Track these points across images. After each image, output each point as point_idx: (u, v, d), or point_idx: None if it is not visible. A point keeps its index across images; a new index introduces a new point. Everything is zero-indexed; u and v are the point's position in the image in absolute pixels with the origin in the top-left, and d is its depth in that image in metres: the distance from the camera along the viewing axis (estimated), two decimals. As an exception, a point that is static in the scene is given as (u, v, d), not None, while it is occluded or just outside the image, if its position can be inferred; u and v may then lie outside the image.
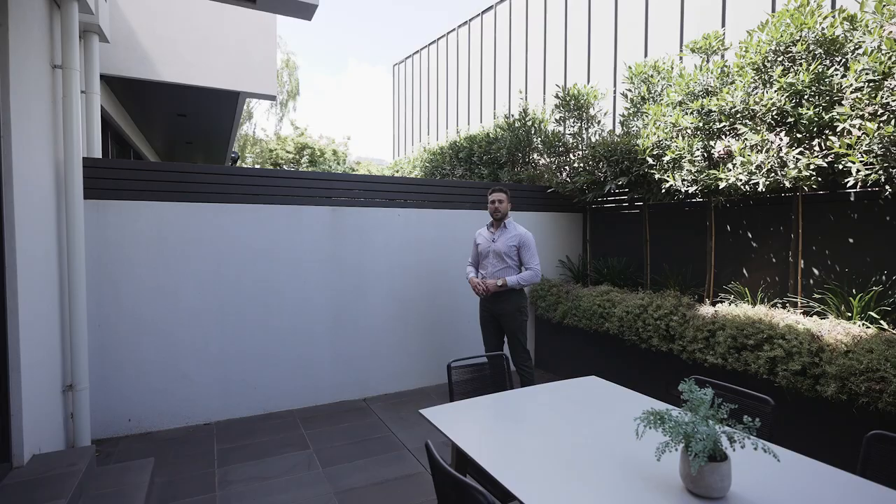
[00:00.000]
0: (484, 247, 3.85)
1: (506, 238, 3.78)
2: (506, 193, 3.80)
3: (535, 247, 3.79)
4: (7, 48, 2.53)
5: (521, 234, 3.78)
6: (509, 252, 3.74)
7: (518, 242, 3.77)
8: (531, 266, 3.76)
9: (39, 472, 2.58)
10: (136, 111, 5.98)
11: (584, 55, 9.44)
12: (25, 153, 2.70)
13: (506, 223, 3.83)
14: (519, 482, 1.51)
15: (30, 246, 2.74)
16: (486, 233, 3.92)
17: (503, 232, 3.81)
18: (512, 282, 3.71)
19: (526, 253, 3.76)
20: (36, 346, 2.82)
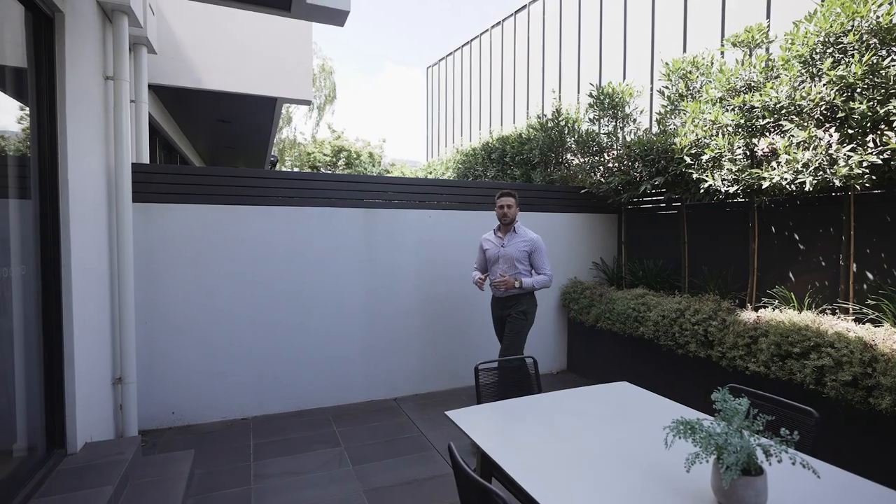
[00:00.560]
0: (493, 252, 3.75)
1: (518, 243, 3.69)
2: (514, 197, 3.72)
3: (546, 252, 3.73)
4: (64, 61, 2.71)
5: (533, 240, 3.71)
6: (521, 257, 3.66)
7: (531, 247, 3.69)
8: (544, 271, 3.70)
9: (90, 459, 2.75)
10: (181, 118, 6.28)
11: (620, 52, 9.21)
12: (79, 159, 2.88)
13: (515, 227, 3.74)
14: (545, 490, 1.49)
15: (83, 247, 2.92)
16: (493, 238, 3.82)
17: (513, 237, 3.72)
18: (528, 283, 3.66)
19: (539, 258, 3.69)
20: (88, 341, 3.00)
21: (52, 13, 2.64)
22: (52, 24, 2.66)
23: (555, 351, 5.32)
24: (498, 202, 3.72)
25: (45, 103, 2.65)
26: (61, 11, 2.67)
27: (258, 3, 3.12)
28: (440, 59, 17.50)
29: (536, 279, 3.69)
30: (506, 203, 3.69)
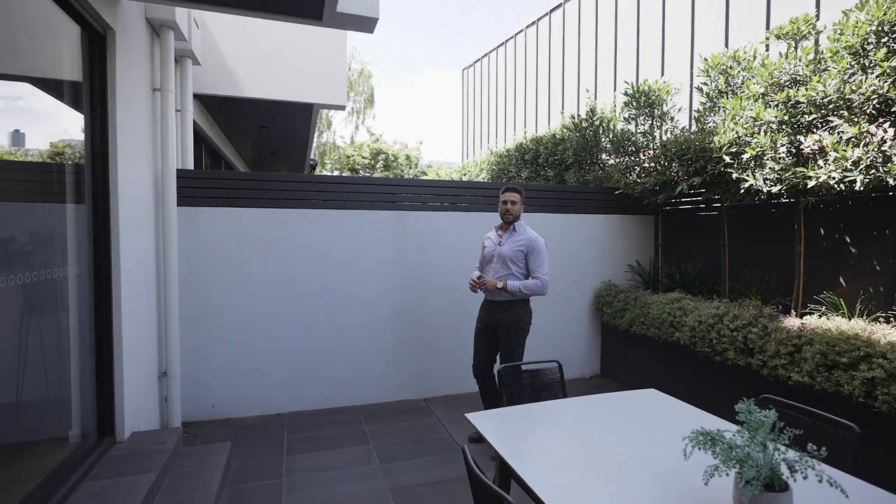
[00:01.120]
0: (489, 250, 3.48)
1: (514, 242, 3.40)
2: (520, 193, 3.44)
3: (545, 255, 3.40)
4: (115, 75, 2.91)
5: (530, 239, 3.40)
6: (515, 257, 3.36)
7: (526, 247, 3.37)
8: (539, 275, 3.36)
9: (136, 447, 2.93)
10: (225, 125, 6.58)
11: (658, 49, 8.91)
12: (128, 166, 3.08)
13: (515, 226, 3.45)
14: (558, 496, 1.48)
15: (131, 247, 3.12)
16: (493, 235, 3.57)
17: (511, 235, 3.44)
18: (513, 286, 3.30)
19: (535, 260, 3.36)
20: (136, 336, 3.20)
21: (104, 31, 2.83)
22: (104, 41, 2.86)
23: (588, 355, 5.21)
24: (501, 197, 3.44)
25: (98, 114, 2.85)
26: (112, 29, 2.86)
27: (291, 14, 3.23)
28: (475, 60, 17.50)
29: (525, 283, 3.33)
30: (509, 199, 3.40)
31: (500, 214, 3.48)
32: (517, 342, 3.38)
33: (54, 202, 2.66)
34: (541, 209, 4.95)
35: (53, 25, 2.56)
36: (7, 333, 2.45)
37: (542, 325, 4.97)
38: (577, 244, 5.09)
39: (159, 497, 2.62)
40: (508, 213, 3.41)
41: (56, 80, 2.66)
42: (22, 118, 2.49)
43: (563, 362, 4.95)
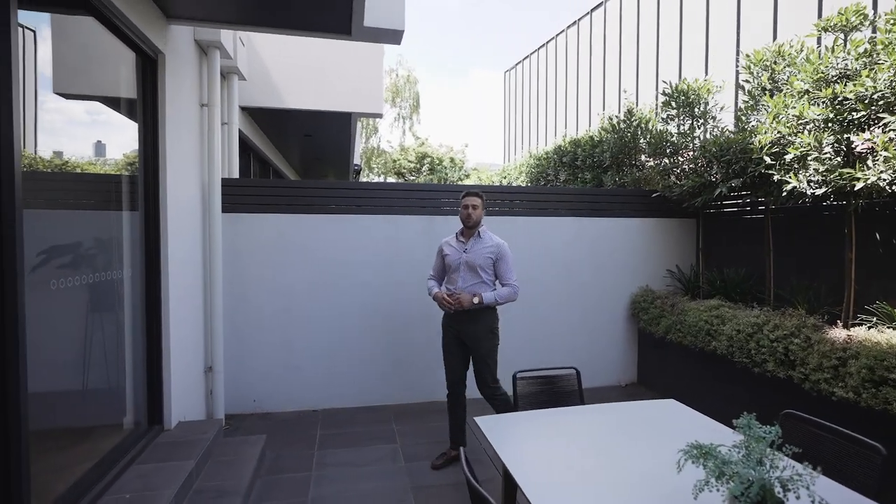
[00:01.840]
0: (454, 258, 3.30)
1: (481, 248, 3.26)
2: (480, 198, 3.30)
3: (512, 260, 3.31)
4: (164, 93, 3.18)
5: (498, 245, 3.29)
6: (485, 264, 3.24)
7: (496, 254, 3.26)
8: (510, 281, 3.27)
9: (181, 436, 3.18)
10: (272, 135, 6.96)
11: (702, 46, 8.51)
12: (176, 176, 3.35)
13: (479, 232, 3.31)
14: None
15: (178, 252, 3.39)
16: (454, 242, 3.38)
17: (477, 241, 3.29)
18: (489, 298, 3.19)
19: (504, 266, 3.27)
20: (183, 334, 3.47)
21: (155, 55, 3.11)
22: (155, 63, 3.14)
23: (623, 362, 5.08)
24: (462, 202, 3.29)
25: (150, 129, 3.13)
26: (162, 53, 3.14)
27: (323, 31, 3.41)
28: (517, 62, 17.40)
29: (500, 292, 3.24)
30: (471, 203, 3.26)
31: (461, 220, 3.31)
32: (493, 350, 3.30)
33: (113, 210, 2.95)
34: (573, 213, 4.89)
35: (113, 53, 2.85)
36: (75, 328, 2.75)
37: (575, 330, 4.91)
38: (612, 248, 4.98)
39: (198, 482, 2.83)
40: (470, 218, 3.26)
41: (118, 99, 2.96)
42: (92, 133, 2.79)
43: (597, 369, 4.91)
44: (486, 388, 3.29)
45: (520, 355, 4.76)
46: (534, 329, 4.82)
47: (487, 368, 3.27)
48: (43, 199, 2.43)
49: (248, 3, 3.11)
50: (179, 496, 2.58)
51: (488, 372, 3.27)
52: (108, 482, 2.55)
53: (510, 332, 4.77)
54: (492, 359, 3.29)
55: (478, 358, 3.29)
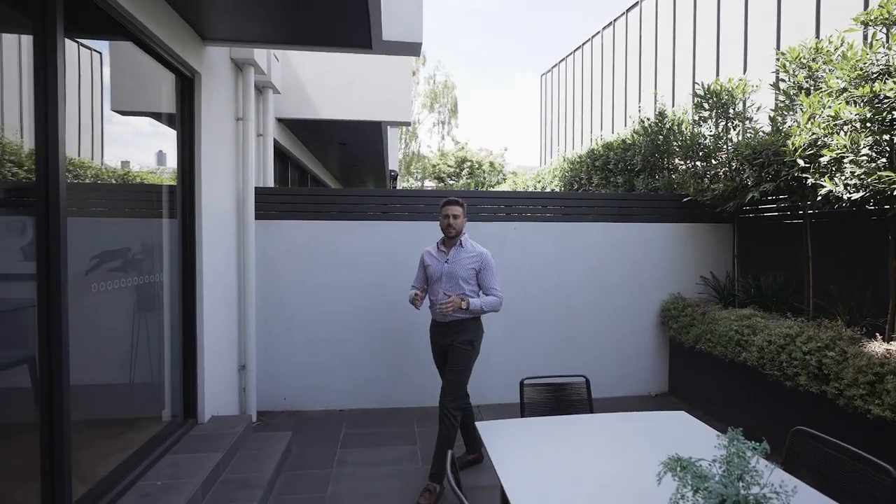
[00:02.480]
0: (436, 269, 3.19)
1: (464, 258, 3.16)
2: (462, 207, 3.19)
3: (496, 269, 3.21)
4: (200, 110, 3.42)
5: (482, 254, 3.18)
6: (468, 275, 3.14)
7: (479, 264, 3.16)
8: (495, 292, 3.17)
9: (212, 429, 3.40)
10: (309, 144, 7.26)
11: (740, 45, 8.10)
12: (211, 186, 3.59)
13: (461, 241, 3.20)
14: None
15: (212, 257, 3.62)
16: (435, 252, 3.27)
17: (459, 251, 3.18)
18: (476, 305, 3.08)
19: (488, 276, 3.17)
20: (216, 334, 3.70)
21: (192, 75, 3.36)
22: (192, 82, 3.39)
23: (654, 371, 4.94)
24: (443, 211, 3.17)
25: (187, 144, 3.38)
26: (199, 73, 3.38)
27: (346, 46, 3.56)
28: (553, 65, 17.19)
29: (486, 301, 3.14)
30: (451, 212, 3.14)
31: (441, 229, 3.20)
32: (469, 363, 3.16)
33: (155, 217, 3.21)
34: (601, 218, 4.81)
35: (156, 73, 3.11)
36: (122, 327, 3.02)
37: (602, 338, 4.83)
38: (641, 254, 4.87)
39: (224, 473, 3.02)
40: (451, 228, 3.14)
41: (162, 115, 3.23)
42: (141, 147, 3.06)
43: (626, 378, 4.81)
44: (448, 398, 3.08)
45: (543, 363, 4.74)
46: (558, 336, 4.78)
47: (457, 380, 3.10)
48: (94, 207, 2.69)
49: (276, 24, 3.30)
50: (206, 485, 2.77)
51: (459, 384, 3.10)
52: (144, 469, 2.77)
53: (533, 340, 4.76)
54: (463, 371, 3.13)
55: (452, 367, 3.13)
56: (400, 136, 21.23)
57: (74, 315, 2.40)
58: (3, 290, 2.11)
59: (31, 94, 2.09)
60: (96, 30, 2.53)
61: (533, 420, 2.30)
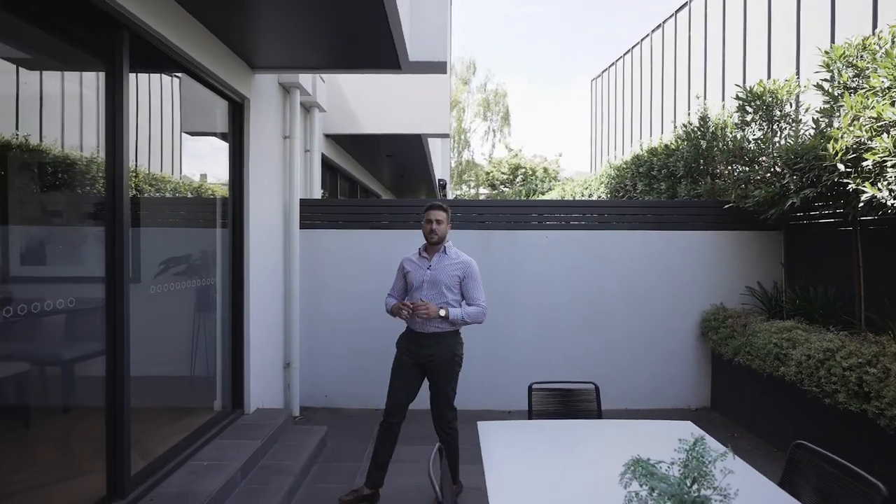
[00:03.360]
0: (416, 275, 3.04)
1: (447, 266, 3.02)
2: (446, 212, 3.05)
3: (480, 278, 3.07)
4: (249, 131, 3.81)
5: (466, 262, 3.04)
6: (452, 283, 3.00)
7: (463, 272, 3.01)
8: (479, 302, 3.02)
9: (256, 420, 3.74)
10: (358, 156, 7.68)
11: (792, 42, 7.56)
12: (258, 199, 3.97)
13: (445, 248, 3.07)
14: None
15: (259, 263, 3.99)
16: (416, 258, 3.13)
17: (442, 258, 3.04)
18: (456, 315, 2.94)
19: (472, 285, 3.02)
20: (262, 334, 4.06)
21: (242, 101, 3.76)
22: (242, 107, 3.78)
23: (694, 384, 4.76)
24: (426, 216, 3.04)
25: (237, 161, 3.77)
26: (248, 98, 3.77)
27: (377, 67, 3.83)
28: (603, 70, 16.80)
29: (468, 311, 3.00)
30: (435, 217, 3.00)
31: (424, 235, 3.07)
32: (453, 377, 3.06)
33: (211, 227, 3.63)
34: (639, 226, 4.75)
35: (213, 100, 3.53)
36: (185, 325, 3.44)
37: (638, 348, 4.74)
38: (680, 263, 4.74)
39: (263, 460, 3.33)
40: (434, 234, 3.01)
41: (218, 135, 3.65)
42: (201, 164, 3.50)
43: (663, 390, 4.71)
44: (443, 418, 3.06)
45: (575, 370, 4.73)
46: (592, 345, 4.75)
47: (446, 396, 3.03)
48: (162, 218, 3.11)
49: (317, 52, 3.61)
50: (245, 468, 3.08)
51: (446, 400, 3.04)
52: (194, 451, 3.12)
53: (565, 347, 4.75)
54: (451, 387, 3.05)
55: (437, 385, 3.02)
56: (452, 146, 21.67)
57: (146, 313, 2.81)
58: (86, 291, 2.51)
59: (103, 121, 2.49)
60: (156, 65, 2.93)
61: (531, 423, 2.39)
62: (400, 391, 3.06)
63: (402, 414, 3.09)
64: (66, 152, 2.40)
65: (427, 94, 5.84)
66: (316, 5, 2.84)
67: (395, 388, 3.07)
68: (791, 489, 1.85)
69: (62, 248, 2.52)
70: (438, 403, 3.06)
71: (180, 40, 2.85)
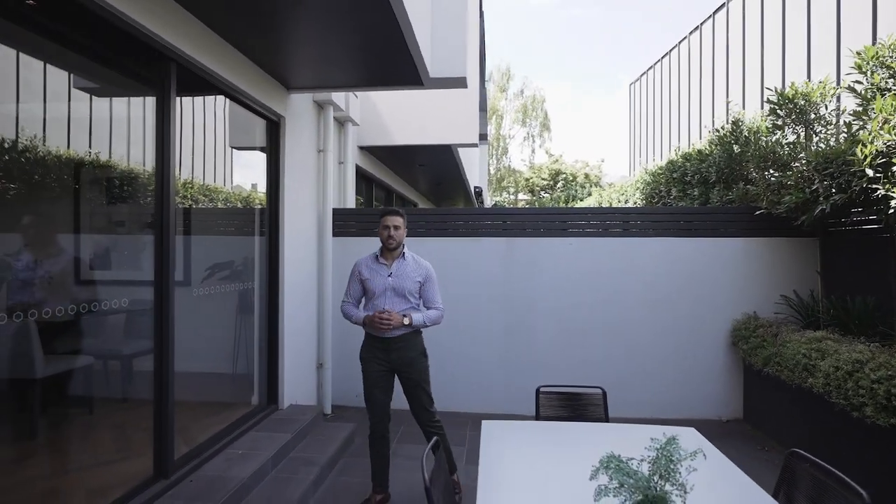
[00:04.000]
0: (378, 283, 3.02)
1: (410, 271, 3.05)
2: (402, 218, 3.06)
3: (437, 282, 3.17)
4: (284, 147, 4.12)
5: (426, 267, 3.11)
6: (414, 289, 3.05)
7: (423, 276, 3.07)
8: (437, 305, 3.11)
9: (288, 415, 4.01)
10: (392, 166, 7.96)
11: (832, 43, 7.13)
12: (293, 209, 4.27)
13: (404, 254, 3.09)
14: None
15: (293, 269, 4.28)
16: (373, 264, 3.09)
17: (402, 264, 3.06)
18: (419, 320, 3.00)
19: (431, 288, 3.10)
20: (295, 335, 4.34)
21: (278, 119, 4.07)
22: (278, 125, 4.10)
23: (725, 395, 4.64)
24: (382, 222, 3.03)
25: (273, 174, 4.08)
26: (284, 116, 4.09)
27: (401, 84, 4.04)
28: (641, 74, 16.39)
29: (428, 315, 3.07)
30: (392, 223, 3.00)
31: (382, 241, 3.06)
32: (426, 372, 3.16)
33: (250, 235, 3.95)
34: (664, 232, 4.71)
35: (253, 118, 3.86)
36: (227, 326, 3.77)
37: (666, 357, 4.69)
38: (709, 270, 4.65)
39: (293, 452, 3.58)
40: (392, 239, 3.01)
41: (258, 149, 3.99)
42: (245, 176, 3.84)
43: (691, 400, 4.65)
44: (425, 413, 3.14)
45: (597, 376, 4.72)
46: (616, 354, 4.74)
47: (425, 393, 3.12)
48: (208, 227, 3.45)
49: (347, 72, 3.87)
50: (276, 458, 3.34)
51: (426, 395, 3.13)
52: (231, 440, 3.41)
53: (588, 353, 4.76)
54: (426, 382, 3.15)
55: (413, 383, 3.10)
56: (490, 153, 21.74)
57: (193, 315, 3.14)
58: (140, 294, 2.84)
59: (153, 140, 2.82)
60: (199, 90, 3.27)
61: (535, 423, 2.48)
62: (381, 400, 3.12)
63: (389, 418, 3.20)
64: (130, 167, 2.76)
65: (455, 106, 6.02)
66: (342, 31, 3.09)
67: (376, 399, 3.11)
68: (786, 499, 1.86)
69: (126, 254, 2.88)
70: (420, 402, 3.12)
71: (221, 68, 3.17)
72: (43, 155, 2.30)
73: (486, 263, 4.89)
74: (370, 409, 3.13)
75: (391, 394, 3.16)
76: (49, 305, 2.35)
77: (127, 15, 2.36)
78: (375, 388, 3.09)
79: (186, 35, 2.82)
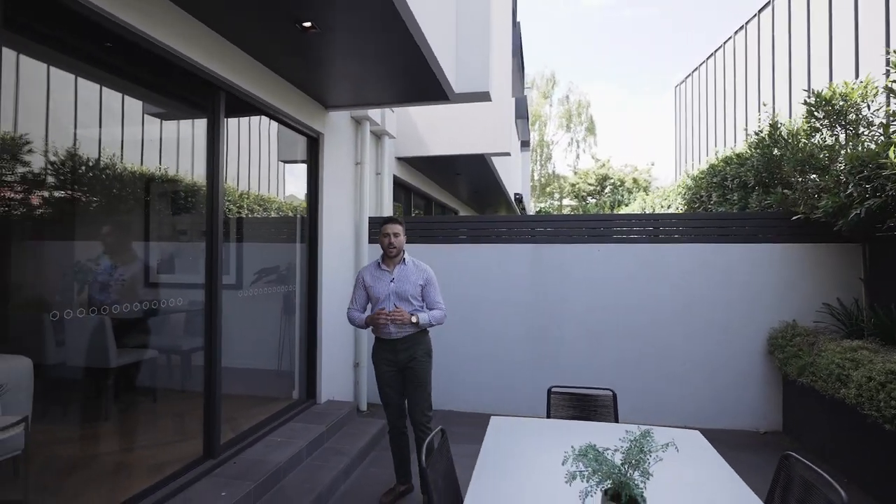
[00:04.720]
0: (381, 289, 3.15)
1: (410, 275, 3.17)
2: (402, 225, 3.23)
3: (438, 284, 3.27)
4: (323, 160, 4.46)
5: (426, 271, 3.22)
6: (417, 293, 3.16)
7: (424, 279, 3.18)
8: (440, 306, 3.22)
9: (324, 409, 4.31)
10: (430, 175, 8.24)
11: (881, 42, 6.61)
12: (331, 218, 4.60)
13: (405, 259, 3.22)
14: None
15: (330, 273, 4.60)
16: (376, 271, 3.23)
17: (404, 269, 3.18)
18: (425, 320, 3.12)
19: (433, 290, 3.20)
20: (333, 335, 4.65)
21: (317, 136, 4.43)
22: (317, 141, 4.45)
23: (762, 406, 4.50)
24: (382, 230, 3.19)
25: (313, 186, 4.43)
26: (322, 133, 4.44)
27: (429, 100, 4.28)
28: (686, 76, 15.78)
29: (433, 314, 3.17)
30: (391, 231, 3.16)
31: (382, 248, 3.21)
32: (429, 374, 3.26)
33: (293, 242, 4.32)
34: (697, 239, 4.66)
35: (296, 135, 4.24)
36: (273, 326, 4.14)
37: (698, 366, 4.63)
38: (745, 277, 4.55)
39: (326, 443, 3.86)
40: (392, 247, 3.16)
41: (299, 162, 4.36)
42: (291, 187, 4.21)
43: (727, 409, 4.60)
44: (422, 416, 3.18)
45: (626, 377, 4.72)
46: (646, 361, 4.71)
47: (425, 393, 3.19)
48: (256, 234, 3.83)
49: (378, 90, 4.15)
50: (311, 447, 3.63)
51: (425, 398, 3.19)
52: (271, 429, 3.74)
53: (615, 360, 4.76)
54: (429, 383, 3.23)
55: (416, 383, 3.17)
56: (533, 158, 21.65)
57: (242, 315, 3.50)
58: (195, 296, 3.22)
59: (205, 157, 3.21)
60: (245, 112, 3.66)
61: (542, 421, 2.60)
62: (394, 399, 3.25)
63: (405, 415, 3.30)
64: (193, 180, 3.17)
65: (488, 116, 6.21)
66: (373, 55, 3.37)
67: (390, 399, 3.25)
68: (780, 503, 1.89)
69: (188, 259, 3.28)
70: (421, 402, 3.18)
71: (264, 92, 3.54)
72: (120, 171, 2.72)
73: (514, 269, 5.02)
74: (385, 407, 3.30)
75: (402, 392, 3.27)
76: (121, 304, 2.75)
77: (177, 50, 2.74)
78: (388, 388, 3.23)
79: (233, 67, 3.20)
